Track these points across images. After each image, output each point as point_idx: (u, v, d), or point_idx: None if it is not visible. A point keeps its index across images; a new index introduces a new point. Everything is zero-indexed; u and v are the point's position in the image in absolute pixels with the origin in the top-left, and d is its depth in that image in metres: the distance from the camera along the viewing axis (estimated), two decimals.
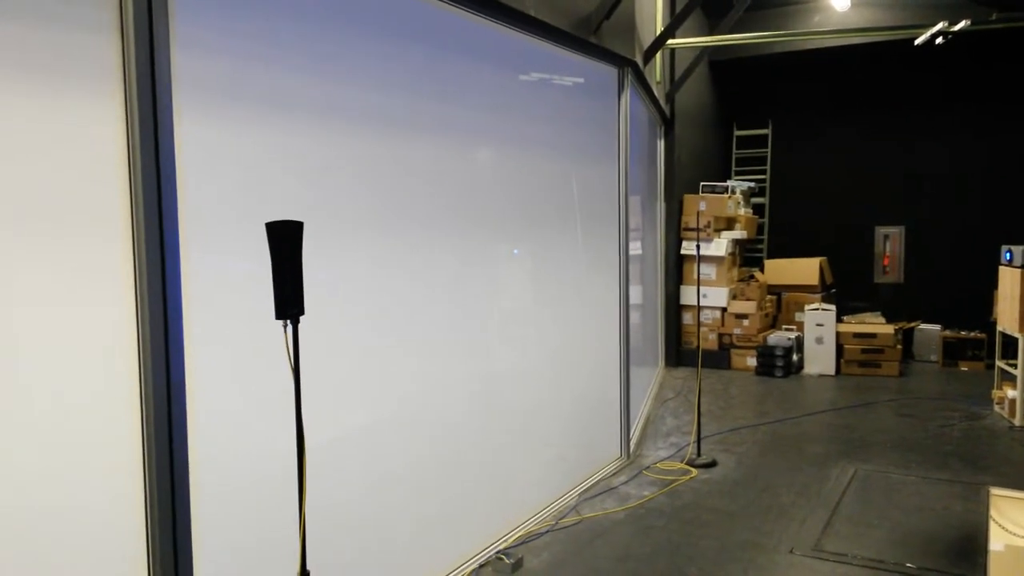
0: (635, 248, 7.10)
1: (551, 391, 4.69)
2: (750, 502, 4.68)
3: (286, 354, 2.52)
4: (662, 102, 7.84)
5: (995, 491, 4.85)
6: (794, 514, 4.47)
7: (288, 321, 2.01)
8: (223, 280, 2.44)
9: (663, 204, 8.72)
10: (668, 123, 8.52)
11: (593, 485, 4.99)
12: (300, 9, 2.74)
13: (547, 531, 4.26)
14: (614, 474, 5.21)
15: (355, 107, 3.04)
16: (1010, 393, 6.36)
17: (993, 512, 4.54)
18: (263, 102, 2.59)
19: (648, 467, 5.35)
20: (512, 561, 3.81)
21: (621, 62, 5.45)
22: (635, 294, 6.80)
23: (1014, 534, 4.25)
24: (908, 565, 3.82)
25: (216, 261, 2.40)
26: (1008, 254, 6.55)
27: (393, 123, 3.25)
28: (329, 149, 2.90)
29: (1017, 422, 6.16)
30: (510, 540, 4.12)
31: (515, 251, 4.62)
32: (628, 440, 5.57)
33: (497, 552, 3.90)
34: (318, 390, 2.87)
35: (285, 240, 1.97)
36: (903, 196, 9.50)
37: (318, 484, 2.85)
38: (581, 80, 5.02)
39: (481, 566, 3.83)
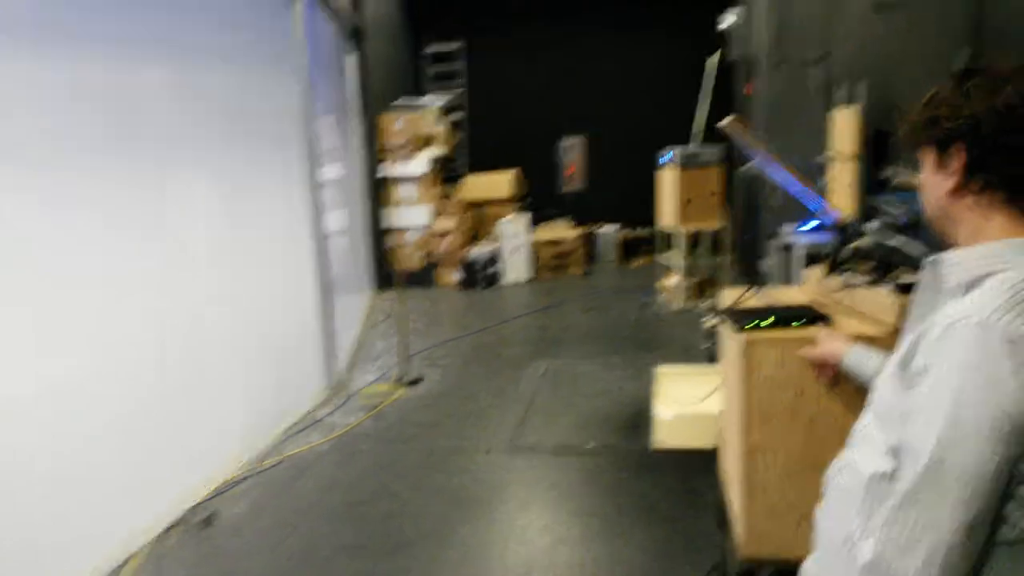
0: (332, 171, 6.81)
1: (243, 329, 4.36)
2: (453, 411, 4.82)
3: None
4: (348, 13, 7.48)
5: (660, 368, 5.49)
6: (492, 415, 4.69)
7: None
8: None
9: (359, 123, 8.45)
10: (357, 36, 8.18)
11: (298, 421, 4.80)
12: None
13: (246, 477, 4.02)
14: (321, 405, 5.06)
15: None
16: (673, 281, 7.22)
17: (657, 386, 5.14)
18: None
19: (356, 393, 5.28)
20: (204, 516, 3.54)
21: None
22: (334, 219, 6.55)
23: (674, 402, 4.85)
24: (590, 445, 4.19)
25: None
26: (666, 156, 7.31)
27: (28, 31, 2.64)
28: None
29: (678, 306, 7.03)
30: (204, 494, 3.81)
31: (195, 176, 4.15)
32: (334, 369, 5.43)
33: (187, 509, 3.60)
34: None
35: None
36: (583, 107, 10.15)
37: None
38: None
39: (170, 528, 3.50)
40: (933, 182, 1.16)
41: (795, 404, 1.78)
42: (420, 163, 8.65)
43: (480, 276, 8.50)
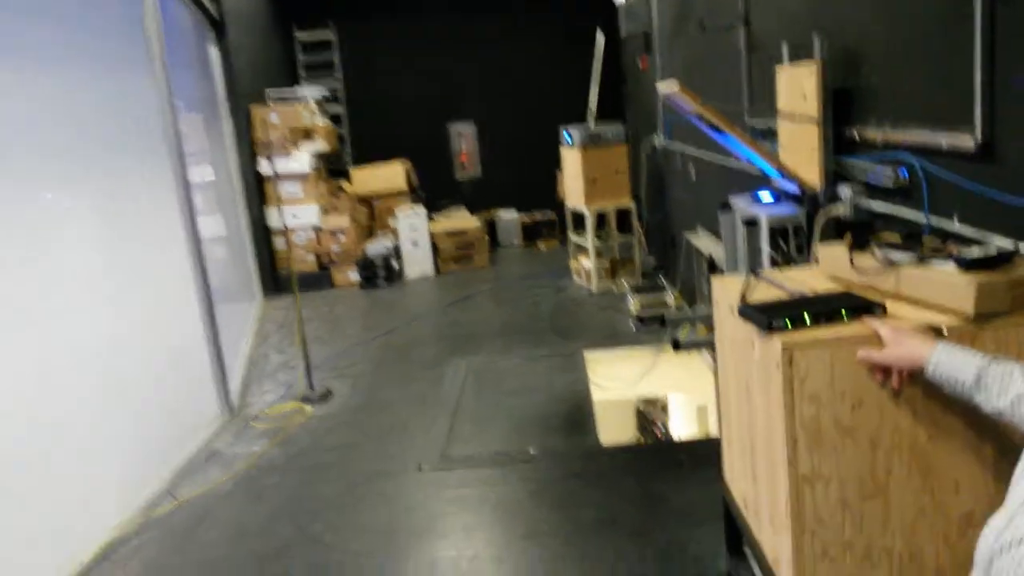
0: (203, 173, 6.11)
1: (117, 353, 3.71)
2: (372, 427, 4.34)
3: None
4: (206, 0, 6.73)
5: (588, 354, 5.19)
6: (417, 426, 4.25)
7: None
8: None
9: (230, 119, 7.69)
10: (219, 25, 7.40)
11: (192, 456, 4.18)
12: None
13: (135, 533, 3.41)
14: (216, 435, 4.45)
15: None
16: (585, 263, 6.95)
17: (590, 374, 4.84)
18: None
19: (256, 417, 4.69)
20: None
21: None
22: (211, 225, 5.87)
23: (608, 388, 4.57)
24: (531, 452, 3.82)
25: None
26: (568, 136, 7.01)
27: None
28: None
29: (594, 289, 6.76)
30: (85, 559, 3.19)
31: (48, 195, 3.47)
32: (227, 392, 4.81)
33: None
34: None
35: None
36: (470, 92, 9.73)
37: None
38: None
39: None
40: None
41: (852, 420, 1.44)
42: (302, 158, 7.99)
43: (380, 273, 7.95)
